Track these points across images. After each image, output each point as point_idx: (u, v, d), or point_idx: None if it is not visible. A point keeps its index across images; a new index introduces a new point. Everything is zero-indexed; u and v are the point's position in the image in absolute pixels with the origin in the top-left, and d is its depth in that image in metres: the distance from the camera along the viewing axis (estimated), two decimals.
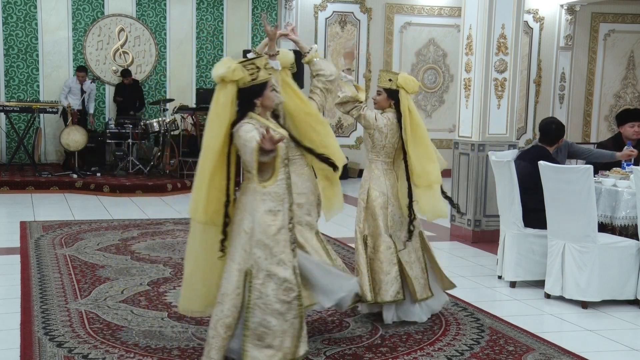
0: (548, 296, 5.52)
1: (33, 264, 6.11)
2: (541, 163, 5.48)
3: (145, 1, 12.69)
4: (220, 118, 3.59)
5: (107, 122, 11.79)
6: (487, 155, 6.85)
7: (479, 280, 6.06)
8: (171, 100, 12.17)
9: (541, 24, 13.90)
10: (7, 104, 11.44)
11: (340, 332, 4.57)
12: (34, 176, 10.85)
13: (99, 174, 11.24)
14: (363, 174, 4.87)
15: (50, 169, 11.56)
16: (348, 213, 6.06)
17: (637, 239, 5.33)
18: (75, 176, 10.86)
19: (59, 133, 11.39)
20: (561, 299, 5.44)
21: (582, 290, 5.26)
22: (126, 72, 12.16)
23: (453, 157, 7.85)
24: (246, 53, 5.93)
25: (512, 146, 7.36)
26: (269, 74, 3.70)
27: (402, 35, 13.42)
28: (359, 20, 13.22)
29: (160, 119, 11.46)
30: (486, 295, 5.66)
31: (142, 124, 11.47)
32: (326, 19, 13.09)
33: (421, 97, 13.60)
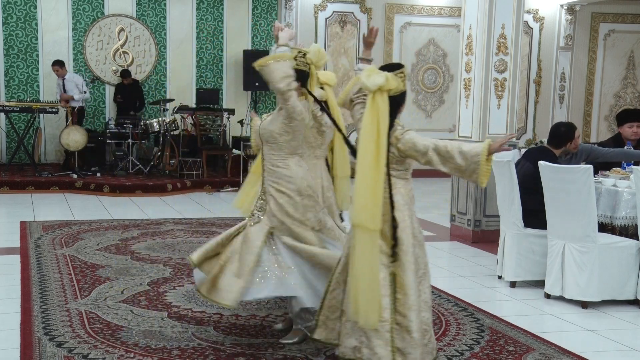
0: (548, 296, 5.53)
1: (33, 264, 6.10)
2: (541, 163, 5.47)
3: (145, 1, 12.68)
4: (381, 125, 3.61)
5: (107, 122, 11.79)
6: None
7: (479, 280, 6.06)
8: (171, 100, 12.17)
9: (541, 24, 13.90)
10: (7, 104, 11.45)
11: None
12: (34, 176, 10.85)
13: (99, 174, 11.24)
14: None
15: (50, 169, 11.56)
16: None
17: (637, 239, 5.33)
18: (75, 176, 10.87)
19: (59, 133, 11.40)
20: (561, 299, 5.44)
21: (582, 290, 5.26)
22: (125, 72, 12.14)
23: None
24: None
25: (512, 146, 7.35)
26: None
27: (402, 35, 13.43)
28: (359, 20, 13.22)
29: (160, 119, 11.47)
30: (486, 295, 5.66)
31: (142, 124, 11.48)
32: (326, 19, 13.09)
33: (421, 97, 13.61)
